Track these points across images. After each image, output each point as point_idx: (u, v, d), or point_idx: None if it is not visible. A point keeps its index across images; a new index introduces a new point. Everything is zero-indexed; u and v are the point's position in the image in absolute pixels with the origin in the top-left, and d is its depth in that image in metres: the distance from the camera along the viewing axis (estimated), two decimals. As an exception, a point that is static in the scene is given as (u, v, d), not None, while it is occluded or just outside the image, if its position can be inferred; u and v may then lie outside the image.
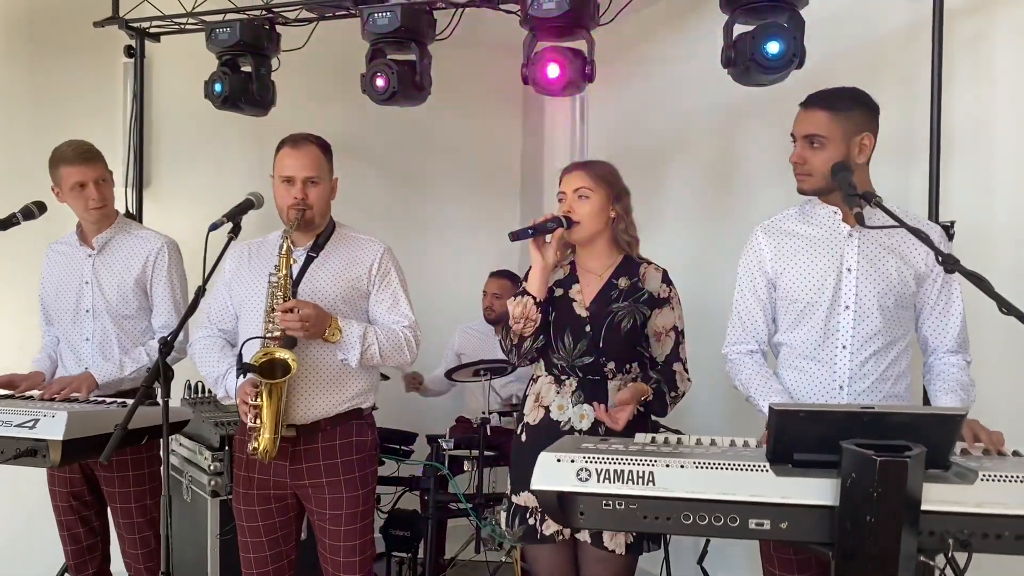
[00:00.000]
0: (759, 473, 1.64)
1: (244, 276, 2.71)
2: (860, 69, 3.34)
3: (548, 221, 2.49)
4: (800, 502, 1.60)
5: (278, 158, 2.66)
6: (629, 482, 1.67)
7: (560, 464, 1.71)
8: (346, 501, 2.65)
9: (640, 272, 2.58)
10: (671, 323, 2.57)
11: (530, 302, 2.49)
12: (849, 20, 3.41)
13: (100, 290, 2.96)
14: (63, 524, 3.01)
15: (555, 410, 2.54)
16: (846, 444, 1.52)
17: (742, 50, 2.75)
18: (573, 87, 2.99)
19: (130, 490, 2.91)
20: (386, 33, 3.17)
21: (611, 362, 2.51)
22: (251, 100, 3.48)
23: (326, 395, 2.62)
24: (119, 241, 3.02)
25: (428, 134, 5.02)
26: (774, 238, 2.33)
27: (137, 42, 3.78)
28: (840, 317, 2.20)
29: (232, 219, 2.47)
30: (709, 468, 1.66)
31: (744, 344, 2.37)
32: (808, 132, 2.19)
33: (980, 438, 1.92)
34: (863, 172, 2.21)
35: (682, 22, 4.17)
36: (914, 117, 2.97)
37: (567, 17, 2.92)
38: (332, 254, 2.70)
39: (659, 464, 1.67)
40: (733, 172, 4.06)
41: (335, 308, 2.61)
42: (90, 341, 2.97)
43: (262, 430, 2.46)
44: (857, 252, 2.20)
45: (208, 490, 3.22)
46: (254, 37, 3.41)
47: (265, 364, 2.43)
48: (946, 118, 2.94)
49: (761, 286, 2.34)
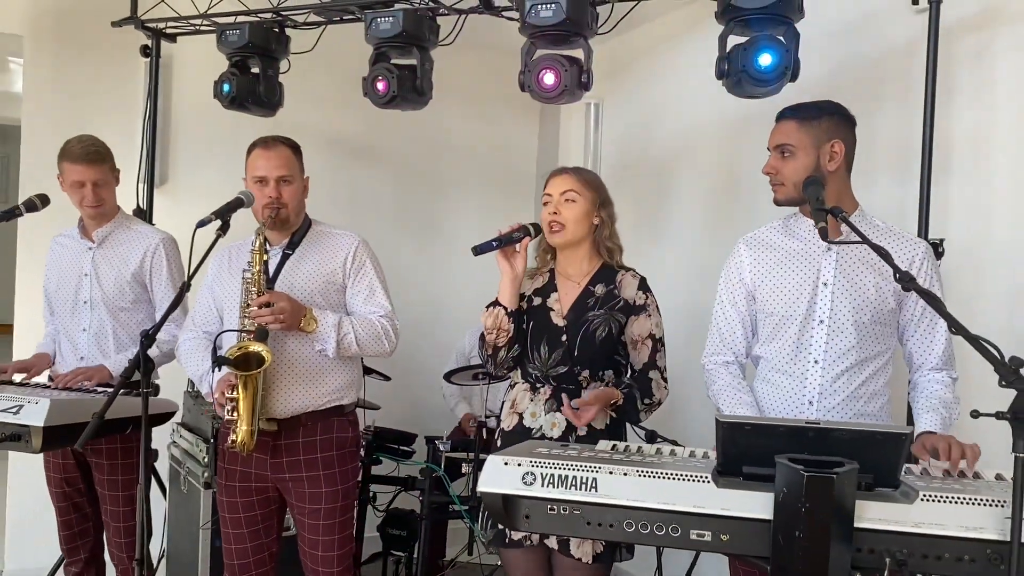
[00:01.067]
0: (701, 484, 1.64)
1: (224, 278, 2.77)
2: (860, 84, 3.32)
3: (515, 231, 2.50)
4: (740, 515, 1.60)
5: (250, 160, 2.74)
6: (572, 487, 1.69)
7: (507, 467, 1.73)
8: (325, 496, 2.70)
9: (617, 279, 2.58)
10: (647, 331, 2.56)
11: (501, 312, 2.50)
12: (849, 35, 3.39)
13: (98, 282, 3.05)
14: (57, 509, 3.10)
15: (528, 417, 2.55)
16: (779, 459, 1.52)
17: (735, 62, 2.74)
18: (569, 94, 3.00)
19: (118, 479, 2.99)
20: (389, 38, 3.21)
21: (585, 370, 2.52)
22: (258, 101, 3.55)
23: (305, 388, 2.66)
24: (118, 236, 3.11)
25: (443, 138, 5.06)
26: (755, 251, 2.33)
27: (153, 42, 3.87)
28: (814, 331, 2.19)
29: (221, 217, 2.52)
30: (652, 477, 1.67)
31: (720, 355, 2.37)
32: (779, 142, 2.21)
33: (945, 456, 1.89)
34: (839, 181, 2.20)
35: (693, 32, 4.16)
36: (913, 133, 2.94)
37: (565, 25, 2.93)
38: (307, 250, 2.75)
39: (603, 471, 1.69)
40: (739, 183, 4.05)
41: (312, 302, 2.66)
42: (87, 332, 3.06)
43: (239, 423, 2.52)
44: (834, 266, 2.19)
45: (201, 481, 3.28)
46: (263, 39, 3.48)
47: (240, 357, 2.48)
48: (945, 135, 2.91)
49: (740, 298, 2.34)
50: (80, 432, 2.20)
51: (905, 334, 2.24)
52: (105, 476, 2.98)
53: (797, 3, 2.74)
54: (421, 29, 3.21)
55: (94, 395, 2.67)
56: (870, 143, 3.38)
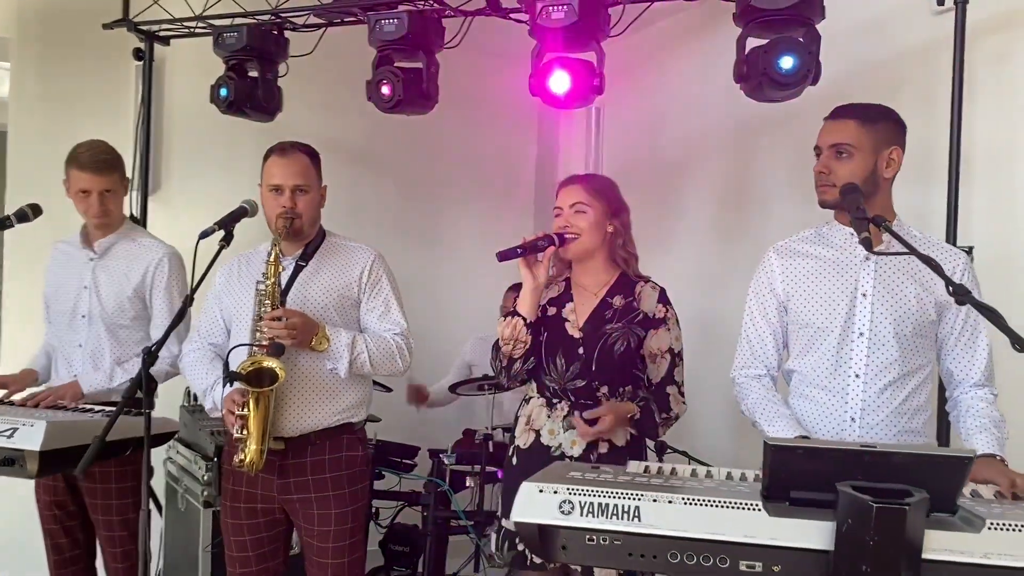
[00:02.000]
0: (752, 512, 1.54)
1: (234, 289, 2.67)
2: (878, 87, 3.23)
3: (539, 239, 2.41)
4: (794, 545, 1.50)
5: (266, 167, 2.63)
6: (614, 517, 1.58)
7: (542, 495, 1.63)
8: (335, 517, 2.59)
9: (636, 291, 2.50)
10: (666, 345, 2.47)
11: (520, 323, 2.41)
12: (867, 36, 3.32)
13: (98, 296, 2.91)
14: (47, 533, 2.95)
15: (546, 435, 2.46)
16: (842, 487, 1.42)
17: (755, 65, 2.66)
18: (581, 99, 2.91)
19: (112, 502, 2.85)
20: (393, 40, 3.11)
21: (604, 386, 2.43)
22: (256, 105, 3.44)
23: (316, 407, 2.56)
24: (121, 247, 2.97)
25: (441, 144, 4.96)
26: (786, 259, 2.24)
27: (146, 45, 3.75)
28: (853, 344, 2.10)
29: (224, 227, 2.41)
30: (698, 505, 1.56)
31: (752, 368, 2.28)
32: (835, 141, 2.09)
33: (995, 481, 1.81)
34: (887, 190, 2.11)
35: (698, 36, 4.10)
36: (934, 137, 2.87)
37: (576, 27, 2.84)
38: (322, 263, 2.65)
39: (646, 499, 1.58)
40: (747, 189, 3.97)
41: (326, 317, 2.56)
42: (83, 348, 2.92)
43: (248, 441, 2.41)
44: (873, 276, 2.11)
45: (201, 500, 3.16)
46: (261, 42, 3.37)
47: (252, 373, 2.38)
48: (967, 138, 2.83)
49: (771, 309, 2.25)
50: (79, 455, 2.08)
51: (944, 348, 2.15)
52: (99, 500, 2.84)
53: (819, 4, 2.66)
54: (427, 31, 3.12)
55: (91, 415, 2.53)
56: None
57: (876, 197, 2.08)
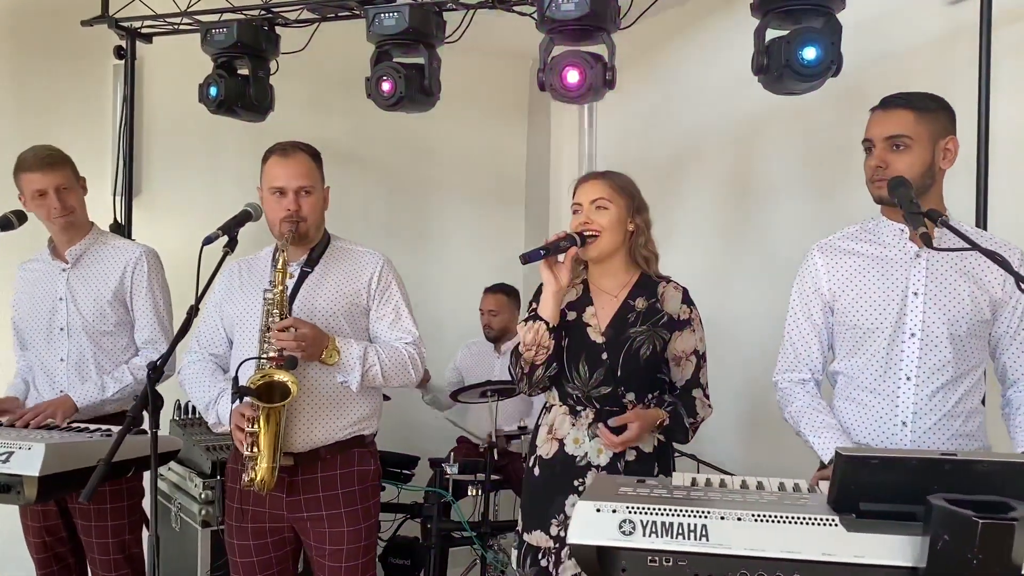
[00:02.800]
0: (828, 528, 1.45)
1: (236, 296, 2.53)
2: (891, 79, 3.16)
3: (561, 240, 2.30)
4: (876, 562, 1.41)
5: (266, 168, 2.49)
6: (680, 536, 1.48)
7: (600, 515, 1.52)
8: (347, 535, 2.46)
9: (659, 292, 2.39)
10: (691, 347, 2.38)
11: (542, 327, 2.29)
12: (879, 29, 3.24)
13: (75, 306, 2.76)
14: (37, 562, 2.78)
15: (570, 443, 2.35)
16: (936, 500, 1.33)
17: (776, 56, 2.57)
18: (593, 93, 2.80)
19: (107, 524, 2.69)
20: (393, 35, 2.98)
21: (631, 392, 2.32)
22: (248, 105, 3.28)
23: (326, 420, 2.44)
24: (94, 253, 2.82)
25: (429, 143, 4.84)
26: (831, 258, 2.14)
27: (128, 43, 3.58)
28: (904, 345, 2.01)
29: (228, 232, 2.28)
30: (771, 521, 1.47)
31: (796, 372, 2.19)
32: (891, 133, 1.99)
33: None
34: (940, 183, 2.03)
35: (697, 29, 4.01)
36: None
37: (587, 19, 2.74)
38: (328, 268, 2.52)
39: (713, 516, 1.48)
40: (751, 185, 3.89)
41: (334, 326, 2.44)
42: (65, 362, 2.76)
43: (259, 459, 2.27)
44: (925, 274, 2.01)
45: (199, 519, 3.01)
46: (252, 38, 3.22)
47: (263, 387, 2.24)
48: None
49: (816, 310, 2.16)
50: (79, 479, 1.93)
51: (1000, 346, 2.06)
52: (92, 523, 2.67)
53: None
54: (428, 25, 2.99)
55: (90, 436, 2.37)
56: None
57: (932, 191, 1.99)
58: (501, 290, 4.45)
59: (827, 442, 2.00)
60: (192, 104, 3.70)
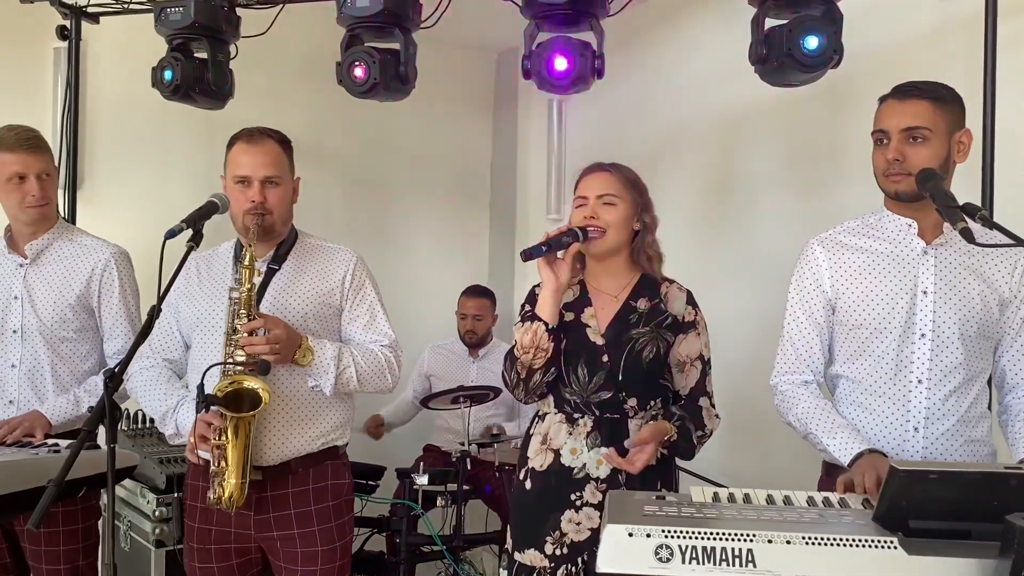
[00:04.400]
0: (887, 551, 1.31)
1: (195, 295, 2.32)
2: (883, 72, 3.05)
3: (563, 235, 2.13)
4: (941, 588, 1.28)
5: (231, 155, 2.29)
6: (723, 562, 1.33)
7: (633, 539, 1.36)
8: (321, 556, 2.28)
9: (662, 292, 2.25)
10: (697, 351, 2.24)
11: (541, 329, 2.12)
12: (871, 21, 3.16)
13: (32, 307, 2.50)
14: None
15: (567, 454, 2.18)
16: (1015, 519, 1.20)
17: (776, 45, 2.45)
18: (581, 83, 2.66)
19: (59, 549, 2.43)
20: (367, 17, 2.78)
21: (632, 398, 2.17)
22: (206, 90, 3.05)
23: (297, 430, 2.25)
24: (58, 250, 2.56)
25: (390, 137, 4.64)
26: (834, 253, 2.03)
27: (72, 22, 3.31)
28: (915, 346, 1.90)
29: (192, 225, 2.07)
30: (823, 545, 1.33)
31: (797, 374, 2.06)
32: (909, 124, 1.87)
33: None
34: (951, 179, 1.92)
35: (673, 22, 3.90)
36: None
37: (576, 4, 2.59)
38: (298, 266, 2.33)
39: (759, 540, 1.34)
40: (732, 182, 3.79)
41: (305, 328, 2.24)
42: (17, 368, 2.50)
43: (227, 475, 2.07)
44: (934, 272, 1.91)
45: (152, 539, 2.77)
46: (211, 18, 2.98)
47: (231, 395, 2.03)
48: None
49: (818, 307, 2.04)
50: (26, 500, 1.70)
51: (999, 348, 1.97)
52: (42, 548, 2.41)
53: (841, -20, 2.48)
54: (404, 7, 2.80)
55: (36, 452, 2.12)
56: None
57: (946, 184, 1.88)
58: (483, 293, 4.28)
59: (843, 443, 1.87)
60: (139, 90, 3.45)
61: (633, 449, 2.09)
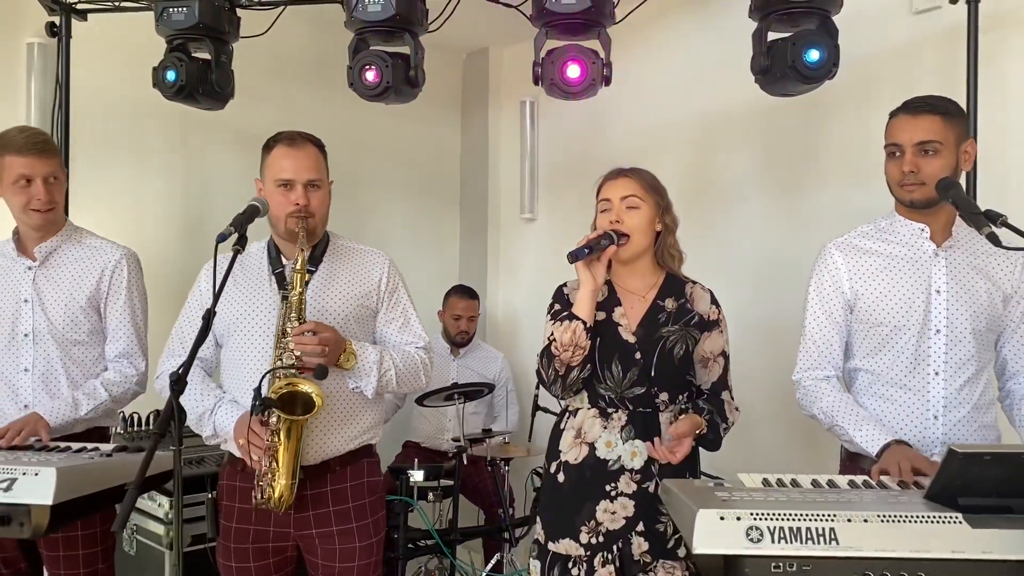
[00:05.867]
0: (953, 526, 1.47)
1: (230, 296, 2.33)
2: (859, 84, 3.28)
3: (601, 238, 2.24)
4: (1004, 557, 1.44)
5: (271, 159, 2.32)
6: (809, 541, 1.46)
7: (724, 523, 1.48)
8: (359, 551, 2.33)
9: (687, 292, 2.37)
10: (720, 348, 2.37)
11: (580, 327, 2.22)
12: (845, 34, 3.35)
13: (43, 310, 2.47)
14: None
15: (602, 447, 2.29)
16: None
17: (780, 57, 2.59)
18: (592, 89, 2.76)
19: (78, 554, 2.41)
20: (377, 21, 2.82)
21: (664, 392, 2.29)
22: (209, 91, 3.04)
23: (337, 431, 2.30)
24: (67, 252, 2.54)
25: (361, 136, 4.64)
26: (851, 256, 2.19)
27: (61, 19, 3.24)
28: (931, 341, 2.08)
29: (239, 228, 2.09)
30: (897, 522, 1.47)
31: (820, 370, 2.21)
32: (923, 139, 2.04)
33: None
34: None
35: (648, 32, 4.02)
36: None
37: (587, 14, 2.69)
38: (333, 268, 2.38)
39: (840, 519, 1.47)
40: (709, 186, 3.94)
41: (346, 330, 2.29)
42: (30, 372, 2.47)
43: (277, 476, 2.11)
44: (946, 272, 2.09)
45: (165, 542, 2.77)
46: (215, 19, 2.98)
47: (285, 397, 2.07)
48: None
49: (837, 308, 2.19)
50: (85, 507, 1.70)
51: (1000, 339, 2.17)
52: (61, 553, 2.39)
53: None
54: (414, 12, 2.85)
55: (92, 457, 2.11)
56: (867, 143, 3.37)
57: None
58: (472, 294, 4.35)
59: (870, 435, 2.03)
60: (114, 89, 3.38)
61: (670, 443, 2.21)
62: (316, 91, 4.26)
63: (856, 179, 3.38)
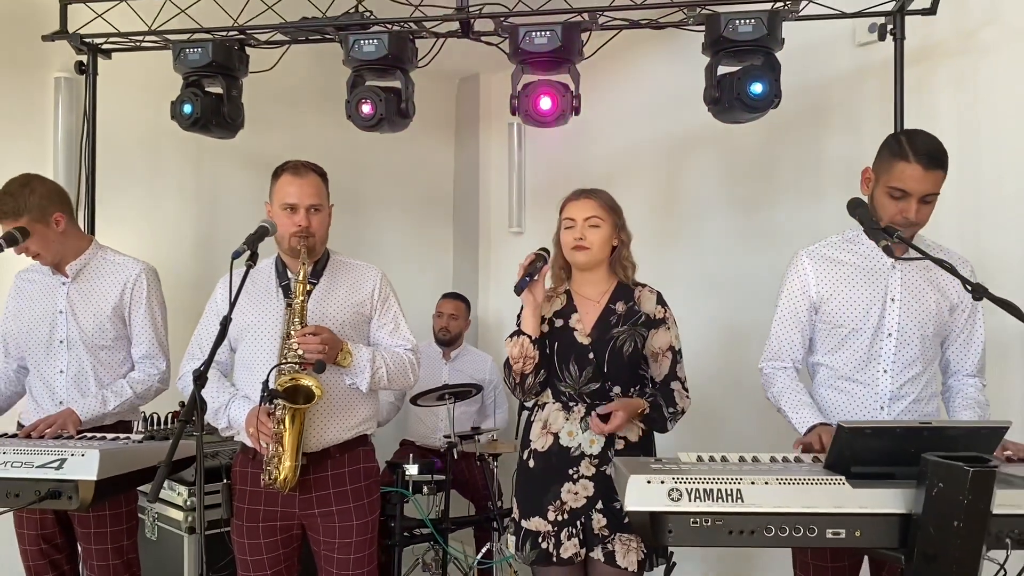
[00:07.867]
0: (837, 486, 1.78)
1: (242, 306, 2.65)
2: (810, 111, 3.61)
3: (535, 261, 2.57)
4: (876, 511, 1.76)
5: (279, 185, 2.65)
6: (719, 500, 1.78)
7: (651, 486, 1.80)
8: (356, 529, 2.64)
9: (635, 296, 2.69)
10: (667, 343, 2.67)
11: (526, 341, 2.57)
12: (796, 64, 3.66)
13: (75, 320, 2.81)
14: (30, 569, 2.82)
15: (565, 436, 2.61)
16: (930, 456, 1.68)
17: (727, 90, 2.92)
18: (563, 118, 3.10)
19: (107, 530, 2.75)
20: (372, 60, 3.16)
21: (616, 386, 2.60)
22: (222, 122, 3.39)
23: (337, 421, 2.62)
24: (94, 267, 2.88)
25: (359, 157, 4.97)
26: (820, 264, 2.46)
27: (89, 58, 3.60)
28: (883, 343, 2.37)
29: (251, 246, 2.41)
30: (792, 484, 1.79)
31: (779, 361, 2.52)
32: (930, 192, 2.26)
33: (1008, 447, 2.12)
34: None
35: (625, 57, 4.36)
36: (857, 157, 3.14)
37: (557, 52, 3.03)
38: (333, 281, 2.70)
39: (745, 481, 1.79)
40: (678, 199, 4.26)
41: (343, 334, 2.62)
42: (64, 374, 2.81)
43: (283, 459, 2.43)
44: (900, 283, 2.37)
45: (184, 527, 3.09)
46: (226, 57, 3.33)
47: (289, 389, 2.40)
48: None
49: (803, 310, 2.47)
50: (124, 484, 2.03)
51: (946, 342, 2.46)
52: (92, 530, 2.73)
53: (779, 36, 2.97)
54: (405, 51, 3.20)
55: (126, 443, 2.47)
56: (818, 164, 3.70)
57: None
58: (459, 297, 4.68)
59: (804, 416, 2.35)
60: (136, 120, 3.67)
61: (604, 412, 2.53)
62: (319, 119, 4.61)
63: (810, 197, 3.70)
